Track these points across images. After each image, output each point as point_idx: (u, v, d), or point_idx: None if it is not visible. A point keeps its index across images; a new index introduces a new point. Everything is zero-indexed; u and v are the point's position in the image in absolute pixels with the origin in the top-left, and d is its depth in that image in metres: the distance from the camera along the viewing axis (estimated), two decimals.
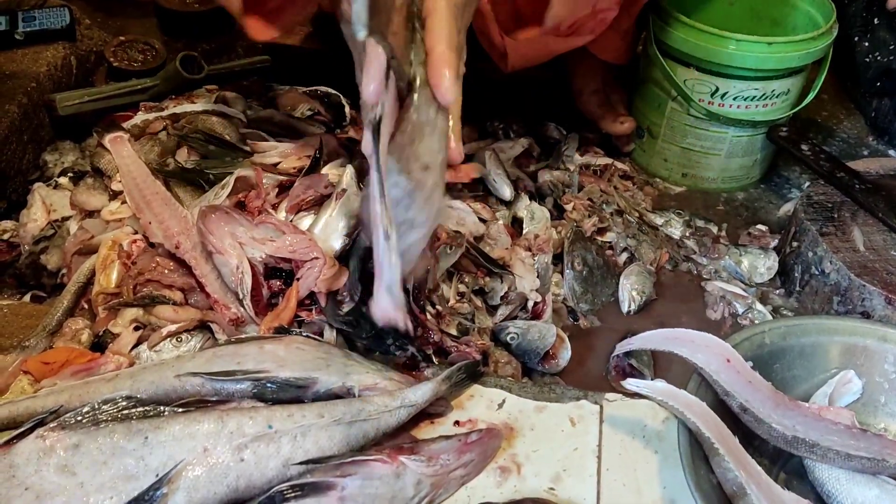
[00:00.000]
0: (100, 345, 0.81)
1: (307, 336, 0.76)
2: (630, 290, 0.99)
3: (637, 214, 1.11)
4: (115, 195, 0.96)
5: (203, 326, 0.82)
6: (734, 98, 1.10)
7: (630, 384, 0.70)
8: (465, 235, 0.92)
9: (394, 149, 0.63)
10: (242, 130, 1.07)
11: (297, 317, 0.80)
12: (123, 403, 0.65)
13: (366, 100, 0.60)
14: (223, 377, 0.69)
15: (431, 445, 0.69)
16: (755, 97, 1.10)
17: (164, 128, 1.07)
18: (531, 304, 0.94)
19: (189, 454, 0.62)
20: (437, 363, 0.80)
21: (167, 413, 0.65)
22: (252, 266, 0.81)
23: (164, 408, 0.66)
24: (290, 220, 0.88)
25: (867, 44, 1.31)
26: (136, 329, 0.81)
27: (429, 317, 0.83)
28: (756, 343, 0.77)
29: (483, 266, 0.93)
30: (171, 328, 0.80)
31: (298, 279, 0.81)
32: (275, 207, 0.89)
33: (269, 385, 0.69)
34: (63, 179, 1.03)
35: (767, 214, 1.17)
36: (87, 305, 0.86)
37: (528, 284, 0.94)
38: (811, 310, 0.97)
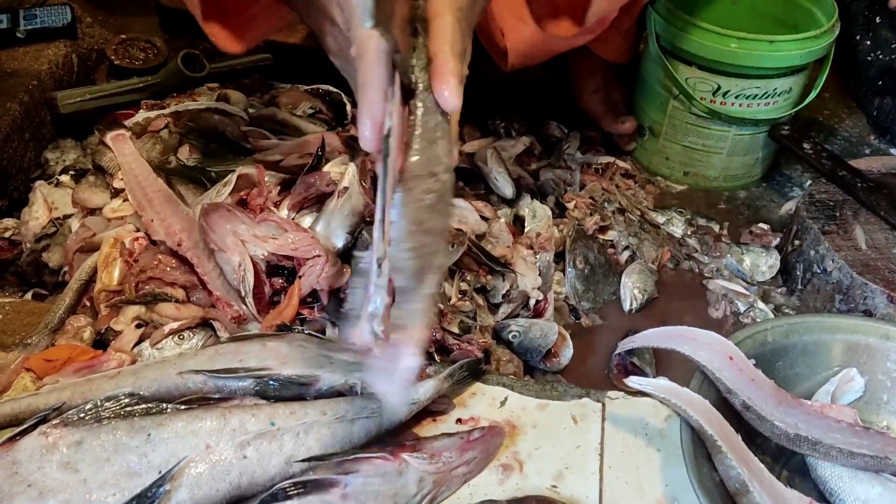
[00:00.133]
0: (102, 342, 0.81)
1: (309, 334, 0.76)
2: (632, 289, 0.99)
3: (639, 213, 1.11)
4: (117, 193, 0.96)
5: (205, 324, 0.82)
6: (736, 96, 1.10)
7: (632, 382, 0.70)
8: (467, 233, 0.92)
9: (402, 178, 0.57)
10: (244, 128, 1.06)
11: (300, 314, 0.80)
12: (126, 400, 0.65)
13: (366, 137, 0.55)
14: (225, 375, 0.69)
15: (434, 443, 0.69)
16: (757, 95, 1.10)
17: (166, 126, 1.07)
18: (533, 303, 0.93)
19: (192, 451, 0.62)
20: (440, 361, 0.80)
21: (170, 410, 0.65)
22: (254, 264, 0.81)
23: (167, 405, 0.66)
24: (292, 218, 0.88)
25: (869, 42, 1.31)
26: (139, 326, 0.81)
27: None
28: (758, 341, 0.77)
29: (485, 264, 0.93)
30: (174, 326, 0.80)
31: (300, 277, 0.81)
32: (277, 205, 0.89)
33: (272, 383, 0.69)
34: (65, 177, 1.03)
35: (769, 213, 1.17)
36: (89, 303, 0.86)
37: (530, 283, 0.94)
38: (813, 308, 0.97)
